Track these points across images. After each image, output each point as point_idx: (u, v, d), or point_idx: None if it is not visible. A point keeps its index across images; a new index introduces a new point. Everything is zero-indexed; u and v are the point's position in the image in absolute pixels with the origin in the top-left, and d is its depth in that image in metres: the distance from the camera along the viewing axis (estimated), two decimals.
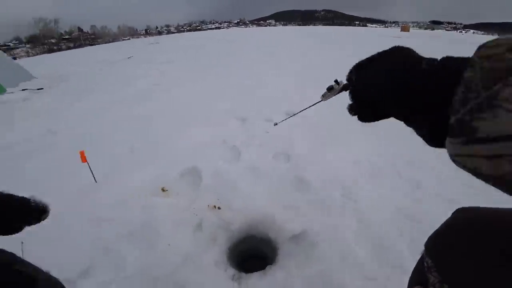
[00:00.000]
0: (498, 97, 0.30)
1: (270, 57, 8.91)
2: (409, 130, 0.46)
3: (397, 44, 0.51)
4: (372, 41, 12.34)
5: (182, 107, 4.42)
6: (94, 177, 2.53)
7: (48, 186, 2.62)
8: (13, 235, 0.72)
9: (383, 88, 0.45)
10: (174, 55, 12.03)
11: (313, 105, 0.71)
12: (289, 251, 1.77)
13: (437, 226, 0.56)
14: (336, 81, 0.58)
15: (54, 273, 1.74)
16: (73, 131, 3.95)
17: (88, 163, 2.44)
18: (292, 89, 4.97)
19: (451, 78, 0.36)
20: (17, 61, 10.95)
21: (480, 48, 0.34)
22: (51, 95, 6.48)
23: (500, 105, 0.29)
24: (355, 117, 0.55)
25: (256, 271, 1.72)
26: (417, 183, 2.31)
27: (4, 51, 10.24)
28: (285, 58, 8.61)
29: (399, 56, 0.46)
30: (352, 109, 0.55)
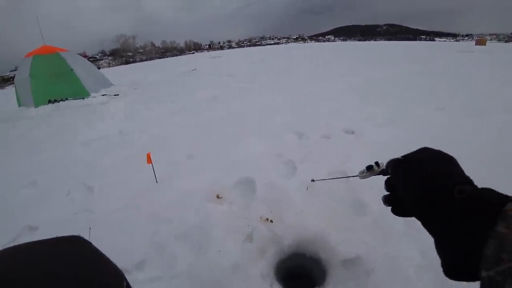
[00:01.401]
0: None
1: (329, 72, 8.79)
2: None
3: (425, 146, 0.53)
4: (438, 57, 11.22)
5: (240, 119, 4.55)
6: (156, 178, 2.72)
7: (115, 180, 2.89)
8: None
9: (410, 199, 0.47)
10: (234, 68, 12.60)
11: (348, 177, 0.79)
12: (340, 275, 1.66)
13: None
14: (376, 162, 0.60)
15: (113, 261, 1.90)
16: (141, 134, 4.33)
17: (152, 165, 2.63)
18: (350, 105, 4.79)
19: (479, 223, 0.35)
20: (101, 70, 12.55)
21: None
22: (125, 101, 7.24)
23: None
24: (419, 143, 0.56)
25: None
26: None
27: (92, 62, 11.84)
28: (344, 73, 8.41)
29: (431, 172, 0.46)
30: (387, 201, 0.55)
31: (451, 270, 0.41)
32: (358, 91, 5.81)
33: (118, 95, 8.03)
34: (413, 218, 0.48)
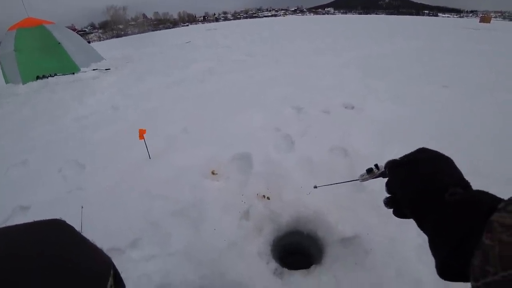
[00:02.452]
0: None
1: (330, 46, 8.48)
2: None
3: (423, 147, 0.55)
4: (442, 33, 10.99)
5: (237, 92, 4.39)
6: (149, 154, 2.63)
7: (108, 157, 2.80)
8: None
9: (405, 200, 0.50)
10: (231, 41, 12.14)
11: (349, 181, 0.79)
12: (338, 254, 1.62)
13: None
14: (376, 165, 0.61)
15: (106, 240, 1.86)
16: (133, 109, 4.18)
17: (144, 141, 2.53)
18: (352, 80, 4.63)
19: (467, 230, 0.36)
20: (91, 44, 12.04)
21: (500, 210, 0.33)
22: (117, 75, 6.98)
23: None
24: (422, 121, 0.68)
25: (300, 268, 1.62)
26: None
27: (81, 36, 11.31)
28: (346, 47, 8.11)
29: (426, 174, 0.48)
30: (388, 204, 0.57)
31: (443, 269, 0.42)
32: (361, 66, 5.60)
33: (109, 69, 7.73)
34: None
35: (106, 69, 7.68)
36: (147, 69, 7.36)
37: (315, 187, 0.90)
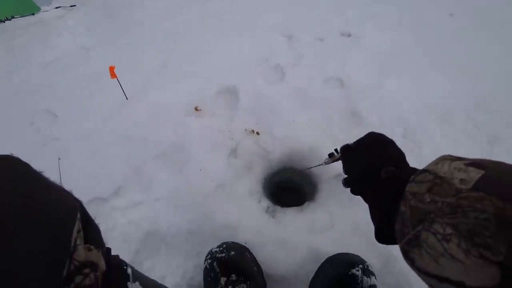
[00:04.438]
0: (420, 238, 0.36)
1: None
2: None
3: (371, 131, 0.69)
4: None
5: (221, 17, 3.88)
6: (125, 94, 2.37)
7: (81, 103, 2.55)
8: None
9: (351, 179, 0.67)
10: None
11: (317, 165, 1.01)
12: (332, 190, 1.53)
13: None
14: (336, 150, 0.80)
15: (88, 190, 1.74)
16: (105, 48, 3.75)
17: (117, 79, 2.25)
18: (350, 3, 4.12)
19: (393, 201, 0.46)
20: None
21: (411, 181, 0.42)
22: (84, 12, 6.17)
23: (422, 246, 0.36)
24: (425, 51, 1.35)
25: (293, 206, 1.54)
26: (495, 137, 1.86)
27: None
28: None
29: (367, 157, 0.61)
30: (345, 184, 0.71)
31: (379, 234, 0.52)
32: None
33: (75, 5, 6.81)
34: (414, 131, 1.12)
35: (71, 6, 6.77)
36: (117, 2, 6.51)
37: (300, 171, 1.14)
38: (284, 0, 4.46)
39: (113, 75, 2.22)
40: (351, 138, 1.77)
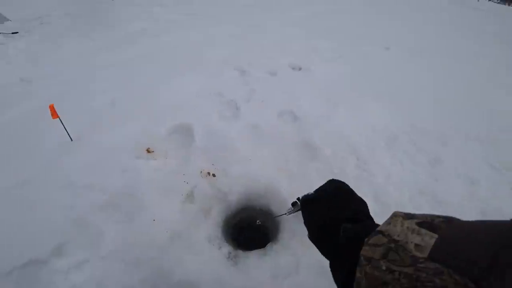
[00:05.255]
0: None
1: (270, 4, 7.94)
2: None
3: (332, 179, 0.71)
4: None
5: (172, 54, 3.87)
6: (69, 135, 2.18)
7: (18, 144, 2.29)
8: None
9: (309, 234, 0.66)
10: None
11: (280, 215, 0.94)
12: (294, 228, 1.51)
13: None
14: (298, 198, 0.75)
15: (24, 252, 1.49)
16: (49, 81, 3.48)
17: (60, 119, 2.06)
18: (295, 38, 4.37)
19: (351, 264, 0.42)
20: None
21: (365, 244, 0.40)
22: (27, 40, 5.78)
23: None
24: (366, 81, 1.40)
25: (255, 248, 1.48)
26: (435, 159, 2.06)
27: None
28: (289, 5, 7.65)
29: (325, 212, 0.62)
30: (309, 238, 0.68)
31: (341, 286, 0.50)
32: (303, 24, 5.34)
33: (17, 32, 6.38)
34: (366, 160, 1.00)
35: (13, 33, 6.33)
36: (66, 32, 6.17)
37: (259, 222, 1.08)
38: (232, 36, 4.60)
39: (54, 114, 2.02)
40: (307, 173, 1.82)
